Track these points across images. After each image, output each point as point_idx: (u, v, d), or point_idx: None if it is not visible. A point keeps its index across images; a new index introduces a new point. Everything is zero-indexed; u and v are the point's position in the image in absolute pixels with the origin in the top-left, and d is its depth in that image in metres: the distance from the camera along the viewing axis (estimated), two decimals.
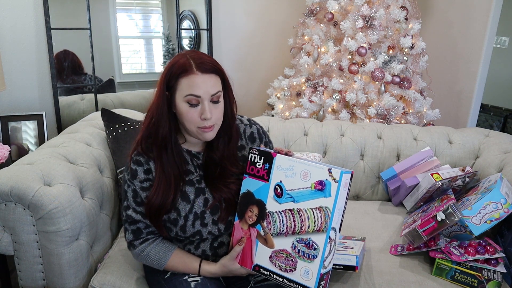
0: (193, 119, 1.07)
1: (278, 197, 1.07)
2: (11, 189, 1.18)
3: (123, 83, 2.51)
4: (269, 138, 1.30)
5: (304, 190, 1.04)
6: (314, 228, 1.02)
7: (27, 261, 1.26)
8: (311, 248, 1.02)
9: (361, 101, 2.08)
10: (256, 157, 1.12)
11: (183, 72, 1.04)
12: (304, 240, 1.03)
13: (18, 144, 2.10)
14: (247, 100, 2.77)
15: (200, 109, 1.06)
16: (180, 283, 1.13)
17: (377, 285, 1.27)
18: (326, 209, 1.00)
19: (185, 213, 1.13)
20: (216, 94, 1.07)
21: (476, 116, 2.53)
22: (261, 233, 1.09)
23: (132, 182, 1.14)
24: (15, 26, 2.12)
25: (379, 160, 1.85)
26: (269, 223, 1.08)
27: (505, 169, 1.60)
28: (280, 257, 1.06)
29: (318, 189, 1.02)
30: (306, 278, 1.02)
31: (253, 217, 1.10)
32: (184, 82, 1.05)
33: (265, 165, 1.10)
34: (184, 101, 1.06)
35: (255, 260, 1.10)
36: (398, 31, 2.14)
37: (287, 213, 1.06)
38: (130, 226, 1.15)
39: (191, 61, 1.05)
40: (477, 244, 1.34)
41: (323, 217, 1.00)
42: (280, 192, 1.07)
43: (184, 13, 2.58)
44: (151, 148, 1.13)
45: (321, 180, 1.01)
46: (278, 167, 1.08)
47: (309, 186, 1.03)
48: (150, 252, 1.15)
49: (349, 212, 1.70)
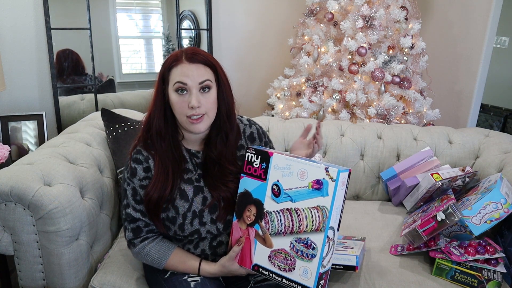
0: (182, 108, 1.08)
1: (276, 197, 1.07)
2: (11, 189, 1.18)
3: (123, 83, 2.51)
4: (268, 138, 1.30)
5: (302, 189, 1.04)
6: (312, 228, 1.01)
7: (27, 261, 1.26)
8: (309, 247, 1.02)
9: (361, 101, 2.08)
10: (253, 156, 1.11)
11: (173, 62, 1.08)
12: (302, 240, 1.03)
13: (18, 144, 2.10)
14: (247, 100, 2.77)
15: (188, 97, 1.08)
16: (180, 283, 1.13)
17: (377, 285, 1.27)
18: (324, 208, 1.00)
19: (184, 212, 1.14)
20: (205, 82, 1.08)
21: (476, 116, 2.53)
22: (259, 232, 1.09)
23: (132, 180, 1.14)
24: (15, 26, 2.12)
25: (379, 160, 1.85)
26: (267, 222, 1.08)
27: (505, 169, 1.60)
28: (279, 256, 1.06)
29: (316, 188, 1.01)
30: (305, 277, 1.02)
31: (251, 217, 1.10)
32: (174, 72, 1.08)
33: (262, 165, 1.10)
34: (173, 89, 1.08)
35: (254, 260, 1.10)
36: (398, 31, 2.14)
37: (285, 213, 1.05)
38: (130, 225, 1.15)
39: (182, 53, 1.09)
40: (477, 244, 1.34)
41: (321, 216, 1.00)
42: (277, 191, 1.07)
43: (184, 13, 2.58)
44: (152, 144, 1.14)
45: (318, 179, 1.01)
46: (275, 166, 1.08)
47: (306, 185, 1.03)
48: (150, 250, 1.15)
49: (349, 212, 1.70)
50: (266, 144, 1.28)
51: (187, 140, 1.19)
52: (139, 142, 1.16)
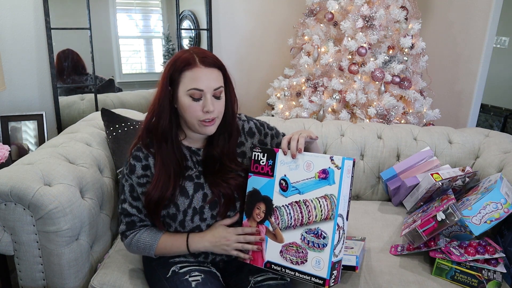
0: (196, 112, 1.09)
1: (284, 191, 1.09)
2: (11, 189, 1.18)
3: (123, 83, 2.51)
4: (269, 126, 1.31)
5: (309, 180, 1.06)
6: (321, 217, 1.03)
7: (27, 261, 1.26)
8: (320, 237, 1.03)
9: (361, 101, 2.08)
10: (259, 155, 1.14)
11: (186, 66, 1.07)
12: (312, 230, 1.04)
13: (18, 144, 2.10)
14: (247, 100, 2.77)
15: (202, 102, 1.08)
16: (181, 282, 1.13)
17: (377, 285, 1.27)
18: (332, 196, 1.02)
19: (184, 208, 1.14)
20: (218, 89, 1.10)
21: (476, 116, 2.53)
22: (269, 229, 1.11)
23: (130, 177, 1.15)
24: (15, 26, 2.12)
25: (379, 160, 1.85)
26: (276, 218, 1.10)
27: (505, 169, 1.60)
28: (290, 250, 1.07)
29: (322, 177, 1.04)
30: (318, 268, 1.03)
31: (261, 214, 1.12)
32: (187, 75, 1.07)
33: (269, 162, 1.12)
34: (187, 95, 1.08)
35: (266, 257, 1.11)
36: (398, 31, 2.14)
37: (293, 206, 1.07)
38: (125, 218, 1.17)
39: (195, 56, 1.08)
40: (477, 244, 1.34)
41: (329, 204, 1.02)
42: (285, 185, 1.09)
43: (184, 13, 2.58)
44: (152, 143, 1.15)
45: (324, 168, 1.04)
46: (281, 161, 1.10)
47: (313, 176, 1.05)
48: (140, 237, 1.16)
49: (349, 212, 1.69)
50: (266, 134, 1.29)
51: (189, 138, 1.20)
52: (139, 140, 1.17)
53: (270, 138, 1.30)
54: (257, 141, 1.27)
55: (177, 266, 1.17)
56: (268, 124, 1.32)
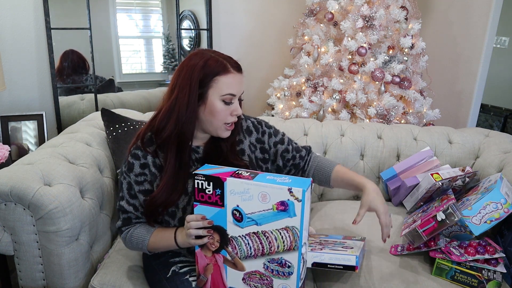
0: (225, 116, 1.11)
1: (239, 222, 0.99)
2: (11, 189, 1.18)
3: (123, 83, 2.51)
4: (267, 124, 1.32)
5: (266, 212, 0.97)
6: (284, 248, 0.98)
7: (27, 261, 1.26)
8: (284, 266, 0.99)
9: (361, 101, 2.08)
10: (203, 183, 0.99)
11: (221, 71, 1.09)
12: (276, 260, 0.99)
13: (18, 144, 2.10)
14: (247, 100, 2.76)
15: (232, 106, 1.12)
16: (181, 282, 1.13)
17: (377, 285, 1.27)
18: (294, 228, 0.96)
19: (183, 205, 1.15)
20: (243, 92, 1.15)
21: (476, 116, 2.53)
22: (228, 258, 1.04)
23: (128, 174, 1.16)
24: (15, 26, 2.12)
25: (379, 160, 1.85)
26: (234, 247, 1.02)
27: (505, 169, 1.60)
28: (253, 278, 1.03)
29: (281, 209, 0.95)
30: None
31: (215, 244, 1.04)
32: (222, 80, 1.09)
33: (216, 191, 0.99)
34: (221, 99, 1.10)
35: (228, 284, 1.06)
36: (398, 31, 2.14)
37: (251, 236, 0.99)
38: (122, 215, 1.18)
39: (224, 61, 1.11)
40: (477, 244, 1.34)
41: (291, 236, 0.96)
42: (239, 216, 0.99)
43: (184, 13, 2.58)
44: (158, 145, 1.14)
45: (282, 200, 0.95)
46: (231, 191, 0.98)
47: (270, 208, 0.96)
48: (133, 233, 1.17)
49: (349, 212, 1.69)
50: (264, 132, 1.29)
51: (196, 138, 1.20)
52: (137, 140, 1.17)
53: (268, 136, 1.30)
54: (255, 139, 1.28)
55: (177, 266, 1.18)
56: (266, 123, 1.33)
